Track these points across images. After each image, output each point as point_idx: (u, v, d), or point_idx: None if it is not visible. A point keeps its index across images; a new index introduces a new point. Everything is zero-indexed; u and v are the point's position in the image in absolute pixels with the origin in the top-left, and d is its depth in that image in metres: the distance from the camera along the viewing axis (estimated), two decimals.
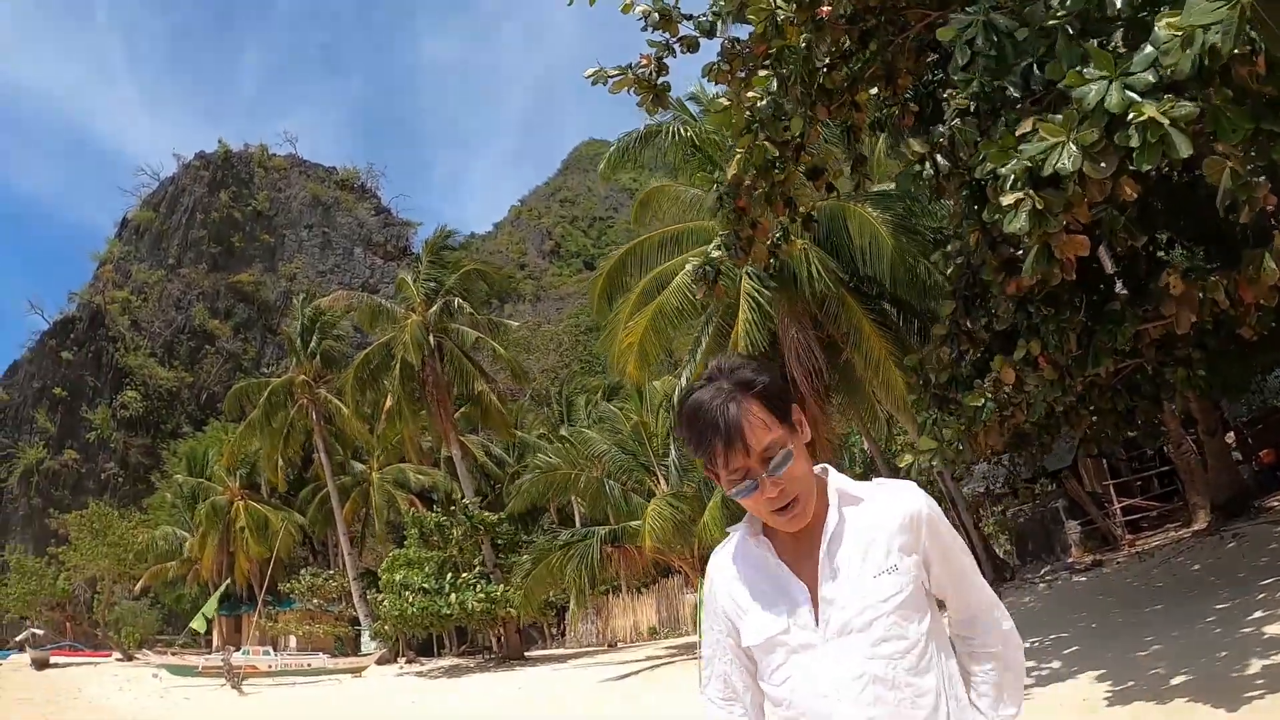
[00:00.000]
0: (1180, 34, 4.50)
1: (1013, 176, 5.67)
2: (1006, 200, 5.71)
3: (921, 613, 2.05)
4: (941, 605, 2.22)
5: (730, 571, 2.25)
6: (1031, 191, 5.61)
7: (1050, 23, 6.09)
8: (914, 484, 2.19)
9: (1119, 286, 11.01)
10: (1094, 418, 12.64)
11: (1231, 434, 23.77)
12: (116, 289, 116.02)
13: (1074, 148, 5.10)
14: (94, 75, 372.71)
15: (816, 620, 2.05)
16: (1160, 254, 10.68)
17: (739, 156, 8.12)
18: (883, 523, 2.08)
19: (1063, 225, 5.77)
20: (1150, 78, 4.85)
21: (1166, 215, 10.67)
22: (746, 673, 2.25)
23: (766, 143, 8.07)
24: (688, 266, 9.47)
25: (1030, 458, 20.93)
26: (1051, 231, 5.80)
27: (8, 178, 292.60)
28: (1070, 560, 22.14)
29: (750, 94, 8.00)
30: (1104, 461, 23.29)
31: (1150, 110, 4.68)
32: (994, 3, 6.53)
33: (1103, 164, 5.04)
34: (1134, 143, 4.77)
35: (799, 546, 2.12)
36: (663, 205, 24.46)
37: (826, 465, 2.19)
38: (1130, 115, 4.77)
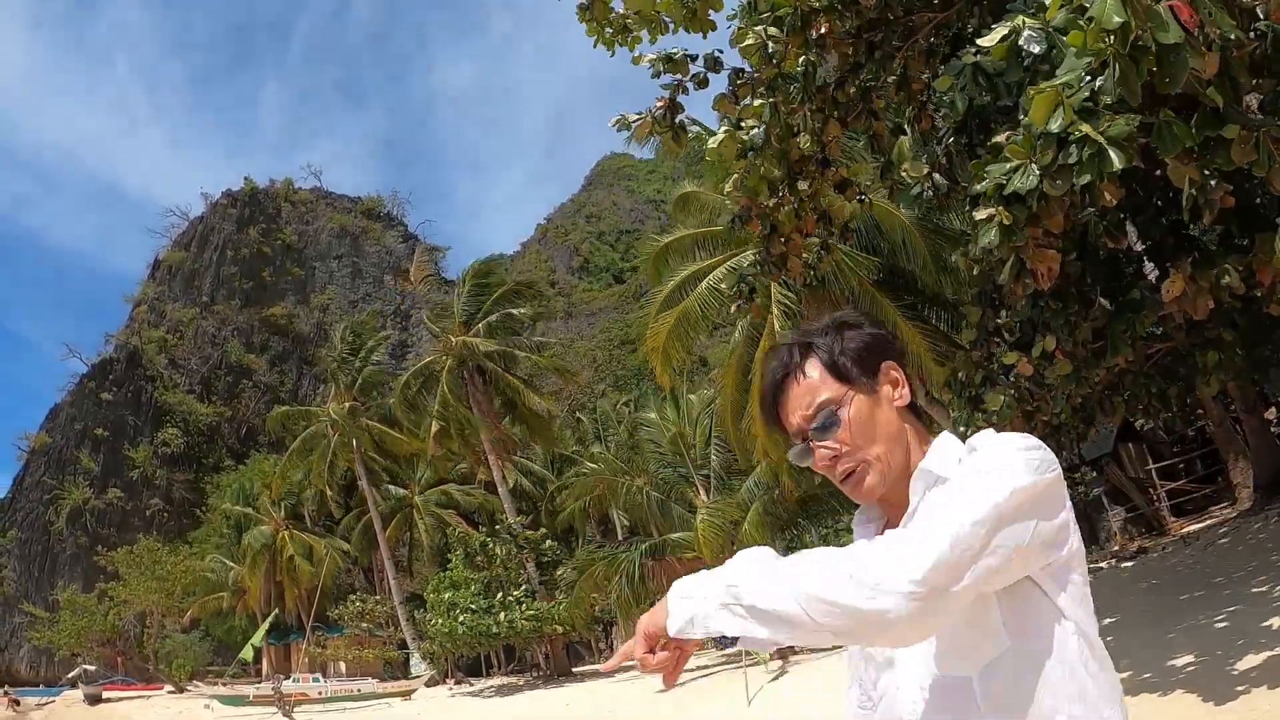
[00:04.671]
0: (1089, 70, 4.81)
1: (985, 194, 5.98)
2: (980, 215, 6.03)
3: (1014, 607, 1.58)
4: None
5: None
6: (1000, 207, 5.90)
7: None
8: (1005, 434, 1.65)
9: (1149, 267, 11.01)
10: (1129, 404, 12.60)
11: (1272, 410, 23.51)
12: (152, 329, 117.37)
13: (1034, 168, 5.42)
14: (118, 123, 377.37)
15: None
16: (1190, 230, 10.66)
17: (735, 177, 8.31)
18: None
19: (1031, 239, 6.09)
20: (1085, 96, 5.11)
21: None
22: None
23: (765, 164, 8.22)
24: (716, 275, 9.50)
25: (1068, 447, 20.83)
26: (1019, 245, 6.13)
27: (41, 229, 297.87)
28: (1115, 548, 22.00)
29: (748, 122, 8.18)
30: (1145, 446, 23.12)
31: (1085, 128, 4.98)
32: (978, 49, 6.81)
33: (1059, 181, 5.33)
34: (1073, 159, 5.07)
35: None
36: (693, 209, 24.66)
37: (941, 440, 1.78)
38: (1070, 134, 5.07)
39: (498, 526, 36.32)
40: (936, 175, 8.44)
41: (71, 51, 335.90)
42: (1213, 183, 5.96)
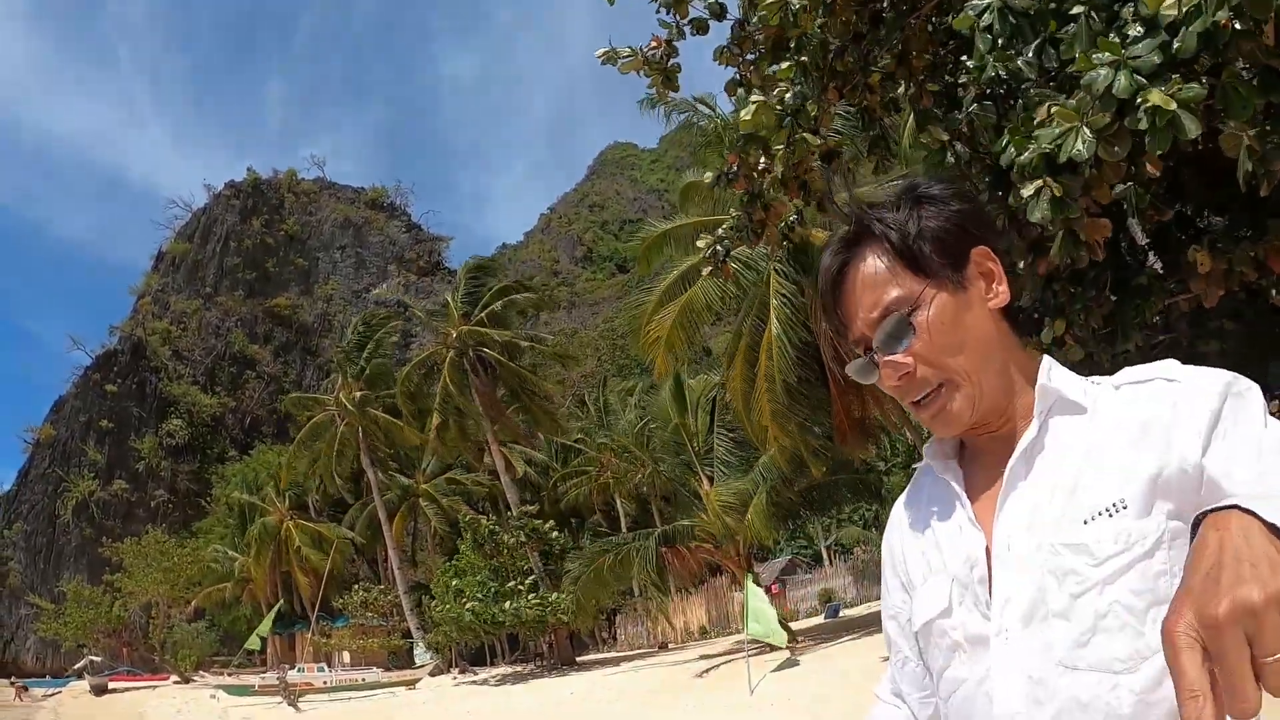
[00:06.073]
0: (1180, 13, 4.56)
1: (1031, 164, 5.69)
2: (1027, 190, 5.70)
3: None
4: None
5: (909, 517, 1.53)
6: (1049, 179, 5.61)
7: (1074, 10, 6.11)
8: (1199, 370, 1.27)
9: (1152, 258, 10.97)
10: None
11: (1275, 403, 23.44)
12: (156, 320, 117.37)
13: (1088, 132, 5.09)
14: (121, 117, 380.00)
15: (991, 596, 1.31)
16: (1199, 222, 10.62)
17: (780, 153, 8.10)
18: (1116, 435, 1.26)
19: (1084, 209, 5.76)
20: (1156, 59, 4.87)
21: (1196, 184, 10.62)
22: (923, 673, 1.49)
23: (806, 134, 8.09)
24: (699, 243, 9.35)
25: None
26: (1073, 217, 5.72)
27: (45, 222, 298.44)
28: None
29: (780, 87, 8.01)
30: None
31: (1156, 97, 4.68)
32: None
33: (1116, 147, 5.04)
34: (1143, 125, 4.77)
35: (998, 476, 1.36)
36: (695, 199, 24.64)
37: (1051, 360, 1.38)
38: (1139, 100, 4.78)
39: (508, 515, 36.41)
40: (958, 144, 8.29)
41: (75, 44, 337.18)
42: (1270, 147, 5.75)
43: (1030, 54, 6.74)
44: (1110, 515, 1.20)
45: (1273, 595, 0.81)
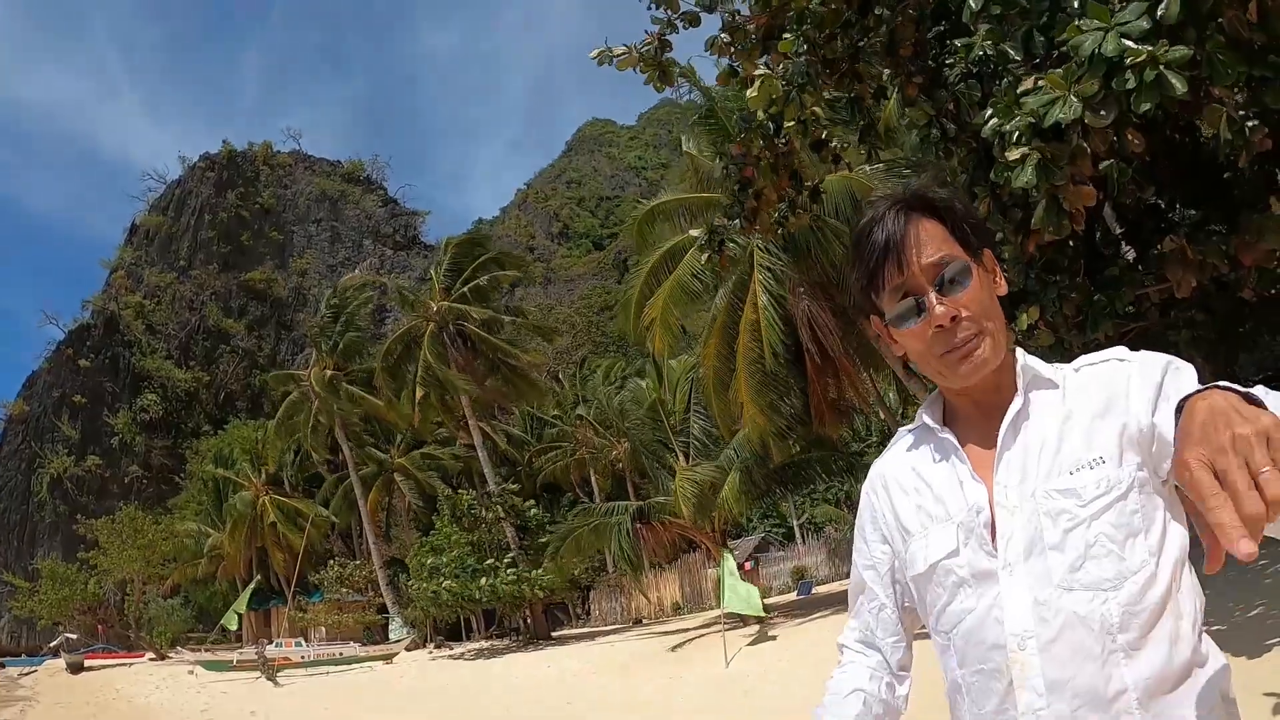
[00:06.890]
0: None
1: (1017, 132, 5.80)
2: (1013, 155, 5.81)
3: (1149, 525, 1.49)
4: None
5: (896, 476, 1.79)
6: (1037, 144, 5.75)
7: None
8: (1143, 352, 1.62)
9: (1124, 248, 11.11)
10: None
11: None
12: (129, 294, 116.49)
13: (1075, 99, 5.23)
14: (95, 88, 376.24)
15: (994, 537, 1.57)
16: (1172, 215, 10.76)
17: (791, 126, 8.15)
18: (1085, 405, 1.58)
19: (1069, 177, 5.89)
20: (1145, 24, 5.00)
21: (1170, 177, 10.77)
22: (897, 620, 1.82)
23: (818, 108, 8.13)
24: (693, 233, 9.41)
25: None
26: (1059, 184, 5.88)
27: (17, 195, 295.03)
28: None
29: (784, 62, 8.02)
30: None
31: (1145, 51, 4.83)
32: None
33: (1103, 112, 5.16)
34: (1130, 84, 4.91)
35: (988, 439, 1.65)
36: (690, 173, 24.70)
37: (1021, 349, 1.68)
38: (1126, 59, 4.92)
39: (488, 490, 36.49)
40: (944, 120, 8.33)
41: (45, 12, 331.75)
42: (1252, 124, 5.86)
43: (1018, 39, 6.83)
44: (1092, 467, 1.51)
45: (1258, 429, 1.11)
